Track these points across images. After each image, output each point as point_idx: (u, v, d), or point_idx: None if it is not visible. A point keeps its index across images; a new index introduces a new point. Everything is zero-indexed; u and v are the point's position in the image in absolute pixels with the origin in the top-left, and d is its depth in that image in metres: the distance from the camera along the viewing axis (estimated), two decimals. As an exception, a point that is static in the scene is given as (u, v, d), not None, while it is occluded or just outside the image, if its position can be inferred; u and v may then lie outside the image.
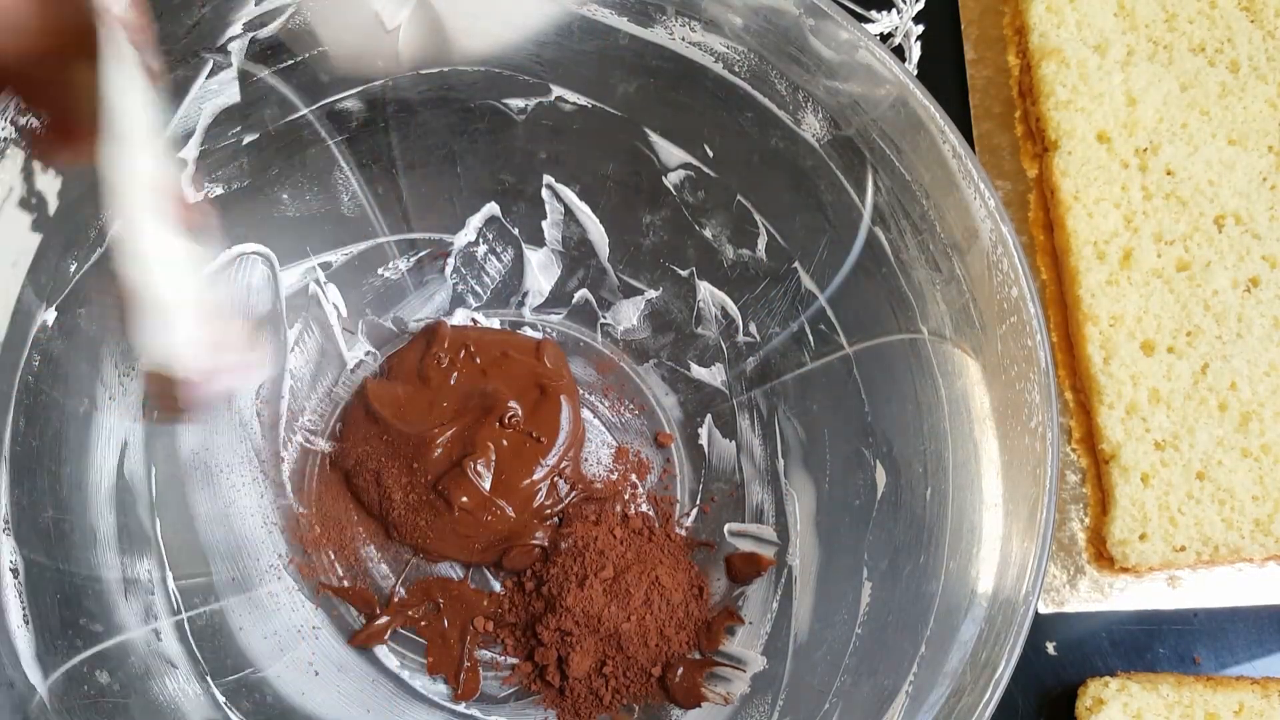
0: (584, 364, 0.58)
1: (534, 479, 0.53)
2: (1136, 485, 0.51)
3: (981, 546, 0.43)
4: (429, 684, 0.53)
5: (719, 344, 0.55)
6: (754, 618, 0.52)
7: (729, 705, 0.50)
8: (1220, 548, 0.51)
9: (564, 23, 0.46)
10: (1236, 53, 0.56)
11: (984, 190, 0.42)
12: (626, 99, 0.49)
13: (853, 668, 0.46)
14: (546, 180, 0.54)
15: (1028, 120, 0.58)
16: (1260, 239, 0.54)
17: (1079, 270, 0.53)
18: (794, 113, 0.46)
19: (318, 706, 0.50)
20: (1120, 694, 0.50)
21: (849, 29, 0.43)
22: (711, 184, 0.51)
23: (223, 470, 0.52)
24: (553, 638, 0.51)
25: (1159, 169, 0.54)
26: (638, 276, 0.56)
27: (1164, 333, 0.53)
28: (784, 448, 0.53)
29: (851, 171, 0.46)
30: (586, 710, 0.51)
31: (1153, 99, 0.55)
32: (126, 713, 0.44)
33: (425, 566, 0.54)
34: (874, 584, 0.47)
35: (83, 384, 0.46)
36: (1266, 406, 0.52)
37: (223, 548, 0.51)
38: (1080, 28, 0.56)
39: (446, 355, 0.55)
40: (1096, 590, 0.53)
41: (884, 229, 0.46)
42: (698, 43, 0.45)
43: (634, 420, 0.57)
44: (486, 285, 0.58)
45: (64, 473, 0.45)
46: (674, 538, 0.54)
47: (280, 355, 0.54)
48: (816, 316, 0.50)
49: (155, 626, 0.47)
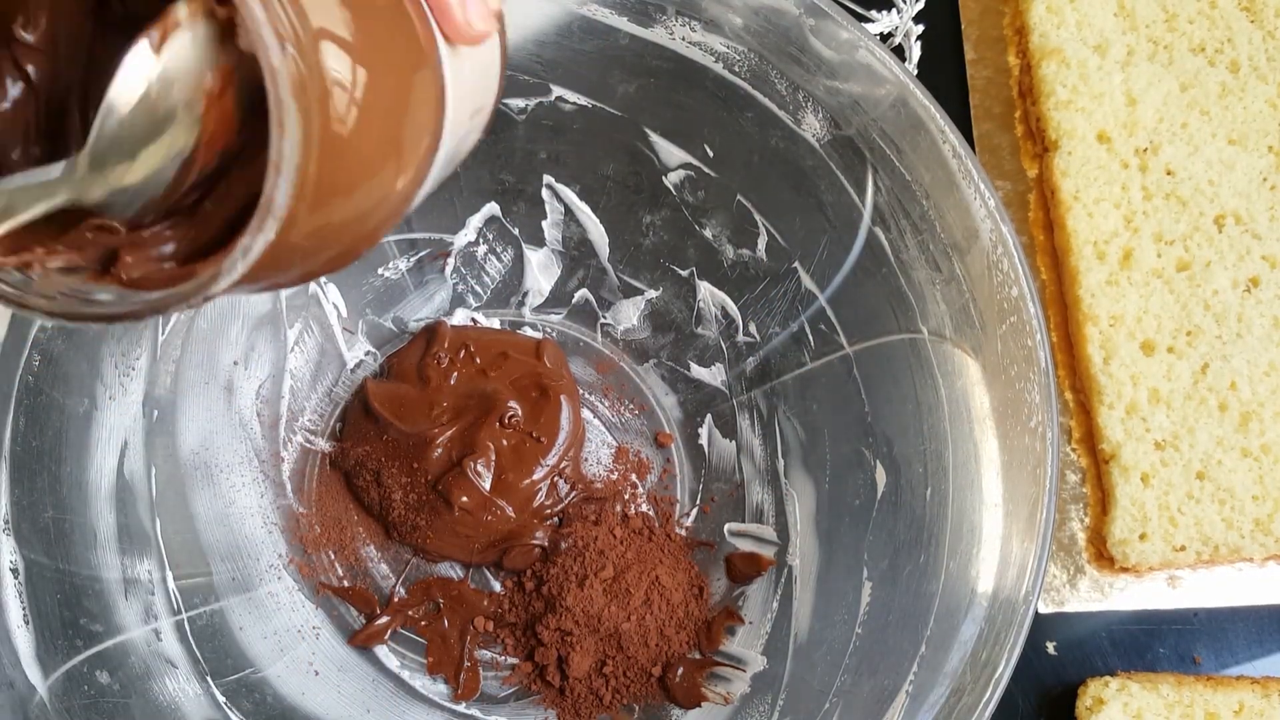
0: (584, 364, 0.58)
1: (534, 479, 0.53)
2: (1136, 485, 0.51)
3: (981, 546, 0.43)
4: (429, 684, 0.53)
5: (719, 344, 0.55)
6: (754, 618, 0.52)
7: (729, 705, 0.50)
8: (1220, 547, 0.51)
9: (564, 23, 0.46)
10: (1236, 53, 0.56)
11: (984, 190, 0.42)
12: (626, 99, 0.49)
13: (853, 668, 0.46)
14: (546, 180, 0.54)
15: (1028, 120, 0.58)
16: (1260, 239, 0.54)
17: (1079, 270, 0.53)
18: (794, 113, 0.46)
19: (318, 706, 0.50)
20: (1120, 694, 0.50)
21: (849, 29, 0.43)
22: (711, 184, 0.51)
23: (223, 470, 0.52)
24: (553, 638, 0.51)
25: (1159, 169, 0.54)
26: (638, 276, 0.56)
27: (1164, 333, 0.53)
28: (784, 448, 0.53)
29: (851, 171, 0.46)
30: (586, 710, 0.51)
31: (1153, 99, 0.55)
32: (126, 713, 0.44)
33: (425, 566, 0.54)
34: (874, 584, 0.47)
35: (83, 384, 0.46)
36: (1266, 406, 0.52)
37: (223, 548, 0.51)
38: (1080, 28, 0.56)
39: (446, 355, 0.55)
40: (1096, 590, 0.53)
41: (884, 229, 0.46)
42: (698, 43, 0.45)
43: (634, 420, 0.57)
44: (486, 285, 0.58)
45: (64, 472, 0.45)
46: (674, 538, 0.54)
47: (280, 355, 0.54)
48: (816, 316, 0.50)
49: (155, 626, 0.47)
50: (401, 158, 0.27)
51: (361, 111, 0.25)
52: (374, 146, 0.26)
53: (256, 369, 0.53)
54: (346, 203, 0.26)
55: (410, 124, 0.27)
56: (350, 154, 0.25)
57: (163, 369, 0.49)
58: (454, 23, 0.29)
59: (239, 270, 0.24)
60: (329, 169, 0.25)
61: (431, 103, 0.28)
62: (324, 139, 0.24)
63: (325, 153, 0.24)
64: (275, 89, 0.22)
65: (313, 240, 0.26)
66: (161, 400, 0.49)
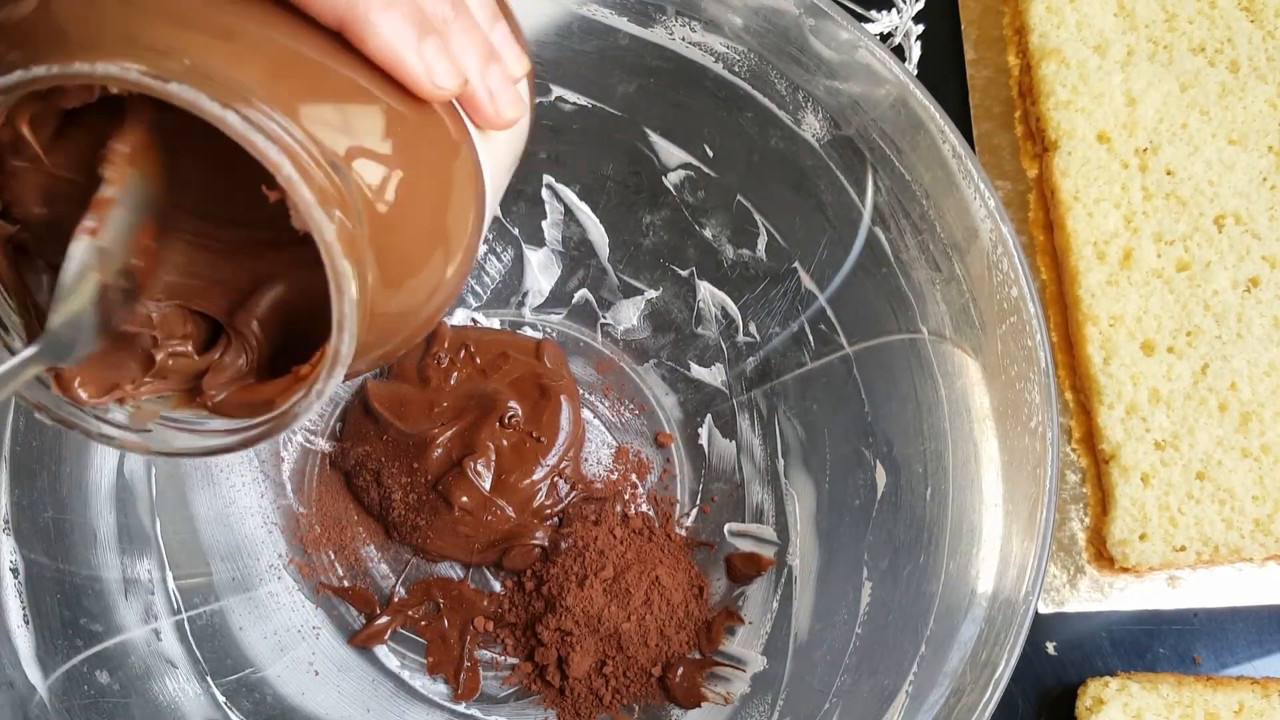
0: (584, 364, 0.58)
1: (534, 479, 0.53)
2: (1136, 485, 0.51)
3: (981, 546, 0.43)
4: (429, 684, 0.53)
5: (719, 344, 0.55)
6: (754, 618, 0.52)
7: (729, 705, 0.50)
8: (1220, 548, 0.51)
9: (564, 23, 0.46)
10: (1236, 53, 0.56)
11: (984, 190, 0.42)
12: (626, 99, 0.49)
13: (853, 668, 0.46)
14: (546, 180, 0.54)
15: (1028, 120, 0.58)
16: (1260, 239, 0.54)
17: (1079, 270, 0.53)
18: (794, 113, 0.46)
19: (318, 706, 0.50)
20: (1120, 694, 0.50)
21: (849, 29, 0.43)
22: (711, 184, 0.51)
23: (223, 470, 0.52)
24: (553, 638, 0.51)
25: (1159, 169, 0.54)
26: (638, 276, 0.56)
27: (1164, 333, 0.53)
28: (784, 448, 0.53)
29: (851, 171, 0.46)
30: (586, 710, 0.51)
31: (1153, 99, 0.55)
32: (126, 713, 0.44)
33: (425, 566, 0.54)
34: (874, 584, 0.47)
35: (83, 384, 0.46)
36: (1266, 406, 0.52)
37: (223, 548, 0.51)
38: (1080, 28, 0.56)
39: (446, 355, 0.55)
40: (1096, 590, 0.53)
41: (884, 229, 0.46)
42: (698, 43, 0.45)
43: (634, 420, 0.57)
44: (486, 285, 0.58)
45: (64, 472, 0.45)
46: (674, 538, 0.54)
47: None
48: (816, 316, 0.50)
49: (155, 626, 0.47)
50: (449, 244, 0.28)
51: (406, 226, 0.26)
52: (423, 246, 0.27)
53: (256, 369, 0.53)
54: (407, 311, 0.28)
55: (454, 211, 0.29)
56: (402, 266, 0.27)
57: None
58: (486, 117, 0.30)
59: (315, 406, 0.26)
60: (385, 293, 0.27)
61: (470, 185, 0.29)
62: (378, 278, 0.26)
63: (381, 285, 0.26)
64: (331, 260, 0.24)
65: (378, 346, 0.28)
66: (161, 400, 0.49)
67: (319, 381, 0.25)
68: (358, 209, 0.25)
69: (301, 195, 0.23)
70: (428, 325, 0.30)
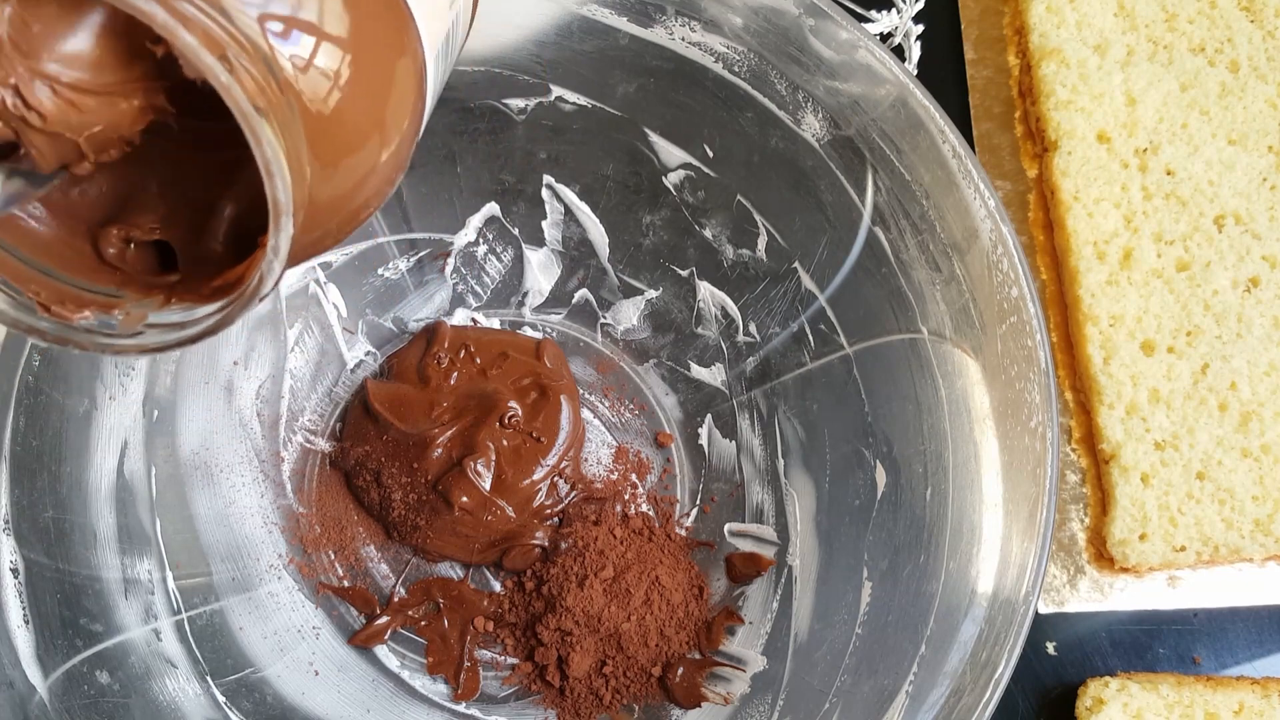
0: (584, 364, 0.58)
1: (534, 479, 0.53)
2: (1136, 485, 0.51)
3: (981, 546, 0.43)
4: (429, 684, 0.53)
5: (719, 344, 0.55)
6: (754, 618, 0.52)
7: (729, 705, 0.50)
8: (1220, 548, 0.51)
9: (564, 23, 0.46)
10: (1236, 53, 0.56)
11: (984, 190, 0.42)
12: (626, 99, 0.49)
13: (853, 668, 0.46)
14: (546, 180, 0.54)
15: (1028, 120, 0.58)
16: (1260, 239, 0.54)
17: (1079, 270, 0.53)
18: (794, 113, 0.46)
19: (318, 706, 0.50)
20: (1120, 694, 0.50)
21: (849, 29, 0.43)
22: (711, 184, 0.51)
23: (223, 470, 0.52)
24: (553, 638, 0.51)
25: (1159, 169, 0.54)
26: (638, 276, 0.56)
27: (1164, 333, 0.53)
28: (784, 448, 0.53)
29: (851, 171, 0.46)
30: (586, 710, 0.51)
31: (1153, 99, 0.55)
32: (126, 713, 0.44)
33: (425, 566, 0.54)
34: (874, 584, 0.47)
35: (83, 384, 0.46)
36: (1266, 406, 0.52)
37: (223, 548, 0.51)
38: (1080, 28, 0.56)
39: (446, 355, 0.55)
40: (1096, 590, 0.53)
41: (884, 229, 0.46)
42: (698, 43, 0.45)
43: (634, 420, 0.57)
44: (486, 285, 0.58)
45: (64, 472, 0.45)
46: (674, 538, 0.54)
47: (280, 355, 0.54)
48: (816, 316, 0.51)
49: (155, 626, 0.47)
50: (393, 89, 0.28)
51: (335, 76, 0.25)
52: (361, 93, 0.26)
53: (256, 369, 0.53)
54: (356, 155, 0.27)
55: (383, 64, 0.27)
56: (340, 114, 0.26)
57: (163, 369, 0.49)
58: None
59: (278, 270, 0.25)
60: (321, 141, 0.25)
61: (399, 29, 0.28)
62: (305, 119, 0.25)
63: (311, 129, 0.25)
64: (238, 107, 0.23)
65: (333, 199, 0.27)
66: (161, 400, 0.49)
67: (271, 238, 0.24)
68: (265, 53, 0.24)
69: (181, 38, 0.22)
70: (399, 160, 0.29)
